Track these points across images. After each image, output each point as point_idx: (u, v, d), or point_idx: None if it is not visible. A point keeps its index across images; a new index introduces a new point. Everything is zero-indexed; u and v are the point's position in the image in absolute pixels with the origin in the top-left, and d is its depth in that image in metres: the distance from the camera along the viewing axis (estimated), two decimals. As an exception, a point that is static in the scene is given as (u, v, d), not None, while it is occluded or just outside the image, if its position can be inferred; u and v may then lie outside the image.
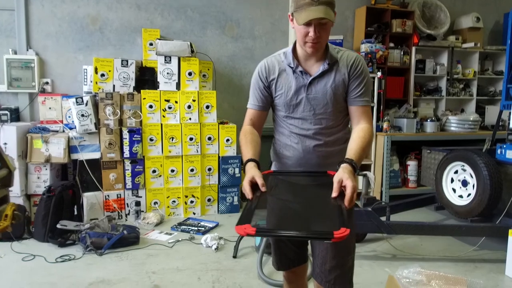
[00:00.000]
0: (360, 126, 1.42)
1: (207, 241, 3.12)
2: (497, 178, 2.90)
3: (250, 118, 1.53)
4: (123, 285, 2.49)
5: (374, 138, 4.38)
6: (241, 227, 1.08)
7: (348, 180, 1.20)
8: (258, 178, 1.27)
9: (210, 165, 3.89)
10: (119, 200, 3.69)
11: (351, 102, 1.45)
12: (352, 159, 1.29)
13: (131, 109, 3.67)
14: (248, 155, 1.38)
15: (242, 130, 1.52)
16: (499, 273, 2.70)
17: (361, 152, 1.33)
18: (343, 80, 1.42)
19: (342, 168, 1.25)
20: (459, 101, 5.18)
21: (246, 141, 1.44)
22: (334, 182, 1.21)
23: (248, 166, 1.34)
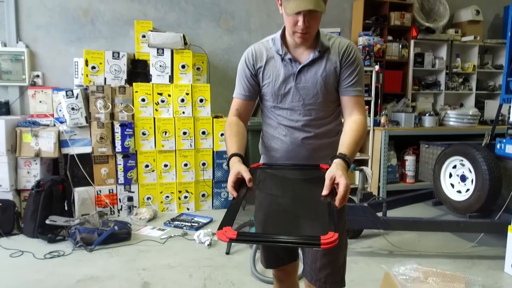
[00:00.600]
0: (353, 117, 1.34)
1: (200, 237, 3.06)
2: (496, 173, 2.84)
3: (236, 108, 1.44)
4: (112, 282, 2.43)
5: (372, 133, 4.32)
6: (221, 232, 0.97)
7: (341, 177, 1.11)
8: (244, 172, 1.18)
9: (204, 160, 3.81)
10: (111, 196, 3.62)
11: (343, 92, 1.37)
12: (345, 154, 1.20)
13: (123, 102, 3.59)
14: (232, 149, 1.30)
15: (227, 121, 1.43)
16: (498, 269, 2.64)
17: (354, 146, 1.25)
18: (334, 68, 1.34)
19: (335, 164, 1.17)
20: (458, 96, 5.11)
21: (231, 133, 1.36)
22: (326, 179, 1.12)
23: (231, 161, 1.26)
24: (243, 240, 1.01)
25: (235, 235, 0.95)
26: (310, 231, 1.34)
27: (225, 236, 0.95)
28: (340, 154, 1.20)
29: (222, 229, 0.97)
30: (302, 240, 0.96)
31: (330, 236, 0.91)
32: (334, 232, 0.92)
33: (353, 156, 1.24)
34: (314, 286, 1.36)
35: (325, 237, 0.90)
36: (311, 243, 0.92)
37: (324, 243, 0.89)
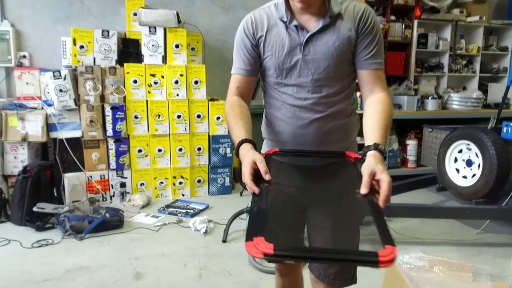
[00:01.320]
0: (376, 96, 1.16)
1: (195, 224, 2.94)
2: (505, 158, 2.71)
3: (236, 86, 1.24)
4: (102, 272, 2.31)
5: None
6: (251, 244, 0.75)
7: (383, 173, 0.94)
8: (260, 163, 0.99)
9: (199, 145, 3.66)
10: (103, 181, 3.48)
11: (361, 65, 1.18)
12: (380, 144, 1.03)
13: (113, 84, 3.41)
14: (241, 134, 1.11)
15: (228, 102, 1.22)
16: (505, 257, 2.54)
17: (385, 132, 1.08)
18: (349, 37, 1.15)
19: (373, 157, 0.99)
20: (461, 78, 4.96)
21: (235, 116, 1.17)
22: (364, 175, 0.95)
23: (243, 149, 1.06)
24: (285, 256, 0.78)
25: (271, 249, 0.74)
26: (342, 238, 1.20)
27: (257, 251, 0.74)
28: (376, 145, 1.02)
29: (252, 240, 0.76)
30: (356, 258, 0.78)
31: (389, 251, 0.73)
32: (392, 245, 0.75)
33: (386, 144, 1.07)
34: (322, 283, 1.22)
35: (383, 253, 0.73)
36: (367, 261, 0.75)
37: (383, 260, 0.72)
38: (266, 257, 0.74)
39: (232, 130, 1.16)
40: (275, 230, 1.35)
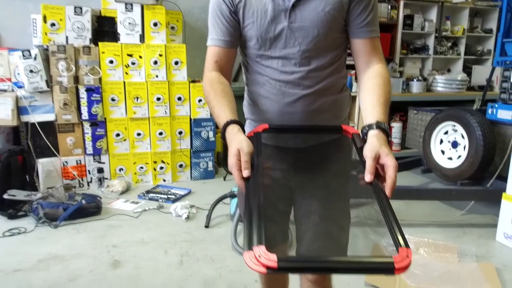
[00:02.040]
0: (374, 68, 1.04)
1: (176, 210, 2.84)
2: (490, 139, 2.69)
3: (214, 60, 1.10)
4: (77, 261, 2.20)
5: (358, 99, 4.10)
6: (250, 255, 0.65)
7: (388, 156, 0.84)
8: (245, 155, 0.86)
9: (180, 128, 3.54)
10: (79, 167, 3.33)
11: (356, 33, 1.06)
12: (382, 122, 0.92)
13: (88, 64, 3.23)
14: (225, 115, 0.97)
15: (206, 79, 1.09)
16: (489, 238, 2.53)
17: (387, 108, 0.97)
18: (341, 1, 1.03)
19: (376, 137, 0.88)
20: (445, 61, 4.93)
21: (216, 94, 1.03)
22: (368, 159, 0.84)
23: (230, 131, 0.94)
24: (290, 269, 0.70)
25: (275, 262, 0.63)
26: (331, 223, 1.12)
27: (258, 264, 0.64)
28: (379, 123, 0.91)
29: (251, 250, 0.65)
30: (370, 266, 0.68)
31: (404, 254, 0.65)
32: (406, 247, 0.66)
33: (387, 121, 0.96)
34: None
35: (398, 258, 0.64)
36: (382, 269, 0.66)
37: (399, 267, 0.63)
38: (270, 271, 0.63)
39: (214, 110, 1.03)
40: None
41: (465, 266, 2.15)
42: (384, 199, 0.79)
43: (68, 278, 2.02)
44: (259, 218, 0.73)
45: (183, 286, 1.96)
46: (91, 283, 1.99)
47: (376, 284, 1.98)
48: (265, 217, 1.09)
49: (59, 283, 1.98)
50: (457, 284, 1.96)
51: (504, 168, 2.65)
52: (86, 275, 2.06)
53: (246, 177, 0.84)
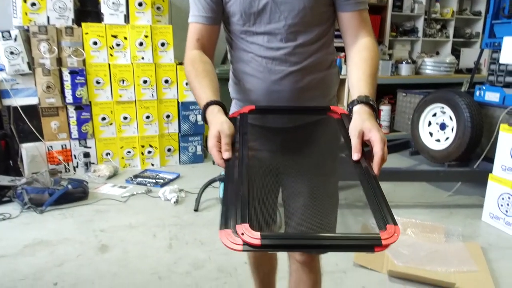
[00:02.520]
0: (362, 42, 1.00)
1: (165, 194, 2.81)
2: (478, 120, 2.71)
3: (196, 38, 1.05)
4: (64, 246, 2.16)
5: (347, 81, 4.08)
6: (226, 234, 0.63)
7: (372, 131, 0.80)
8: (225, 137, 0.83)
9: (168, 112, 3.48)
10: (65, 152, 3.26)
11: (342, 6, 1.02)
12: (367, 96, 0.88)
13: (71, 46, 3.13)
14: (206, 96, 0.93)
15: (187, 58, 1.04)
16: (475, 218, 2.57)
17: (373, 82, 0.94)
18: None
19: (359, 112, 0.85)
20: (434, 43, 4.93)
21: (197, 74, 0.99)
22: (353, 137, 0.81)
23: (210, 113, 0.90)
24: (274, 246, 0.65)
25: (259, 240, 0.61)
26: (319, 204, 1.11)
27: (234, 241, 0.62)
28: (361, 98, 0.88)
29: (228, 229, 0.64)
30: (357, 243, 0.66)
31: (391, 231, 0.64)
32: (393, 224, 0.65)
33: (375, 96, 0.93)
34: (298, 253, 1.13)
35: (385, 234, 0.63)
36: (368, 246, 0.64)
37: (386, 244, 0.62)
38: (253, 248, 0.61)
39: (195, 91, 0.99)
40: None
41: (452, 246, 2.18)
42: (371, 177, 0.76)
43: (54, 263, 1.99)
44: (245, 197, 0.71)
45: (172, 269, 1.95)
46: (78, 267, 1.96)
47: (365, 265, 2.00)
48: (251, 199, 1.07)
49: (45, 268, 1.95)
50: (444, 263, 1.99)
51: (491, 149, 2.67)
52: (73, 260, 2.03)
53: (226, 159, 0.81)
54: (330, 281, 1.86)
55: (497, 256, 2.12)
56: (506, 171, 2.38)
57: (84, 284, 1.82)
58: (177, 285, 1.83)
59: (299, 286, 1.19)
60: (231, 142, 0.84)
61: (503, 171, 2.40)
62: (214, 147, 0.83)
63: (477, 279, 1.88)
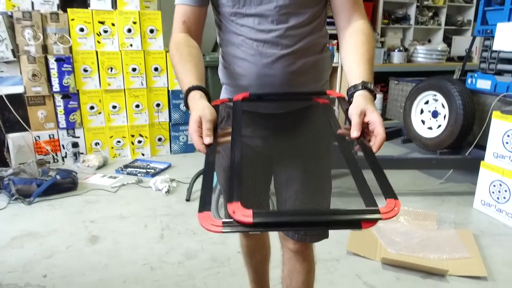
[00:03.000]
0: (356, 24, 0.97)
1: (156, 184, 2.77)
2: (470, 108, 2.70)
3: (182, 20, 1.01)
4: (54, 238, 2.12)
5: (339, 70, 4.06)
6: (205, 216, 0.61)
7: (374, 113, 0.81)
8: (206, 123, 0.80)
9: (158, 100, 3.42)
10: (53, 142, 3.19)
11: None
12: (368, 82, 0.87)
13: (56, 32, 3.04)
14: (188, 81, 0.90)
15: (173, 41, 1.00)
16: (466, 206, 2.59)
17: (371, 67, 0.92)
18: None
19: (361, 96, 0.84)
20: (426, 31, 4.91)
21: (181, 58, 0.95)
22: (354, 116, 0.81)
23: (192, 98, 0.87)
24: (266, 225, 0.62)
25: (251, 217, 0.59)
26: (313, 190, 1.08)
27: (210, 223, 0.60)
28: (364, 83, 0.86)
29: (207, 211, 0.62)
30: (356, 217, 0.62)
31: (392, 205, 0.62)
32: (394, 198, 0.64)
33: (373, 81, 0.90)
34: (292, 239, 1.11)
35: (385, 208, 0.62)
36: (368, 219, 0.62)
37: (386, 218, 0.60)
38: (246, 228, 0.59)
39: (178, 75, 0.95)
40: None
41: (444, 233, 2.19)
42: (371, 154, 0.76)
43: (44, 255, 1.95)
44: (235, 177, 0.70)
45: (164, 259, 1.93)
46: (68, 259, 1.93)
47: (358, 253, 2.00)
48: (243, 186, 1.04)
49: (34, 260, 1.91)
50: (437, 251, 2.00)
51: (482, 137, 2.68)
52: (63, 252, 1.99)
53: (207, 144, 0.79)
54: (323, 269, 1.85)
55: (489, 242, 2.14)
56: (498, 158, 2.39)
57: (74, 276, 1.79)
58: (170, 275, 1.80)
59: (293, 275, 1.17)
60: (212, 127, 0.81)
61: (495, 158, 2.41)
62: (194, 132, 0.80)
63: (469, 265, 1.89)
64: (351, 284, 1.77)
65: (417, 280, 1.81)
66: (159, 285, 1.74)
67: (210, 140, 0.79)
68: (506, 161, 2.34)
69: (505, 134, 2.33)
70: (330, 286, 1.75)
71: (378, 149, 0.78)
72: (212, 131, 0.81)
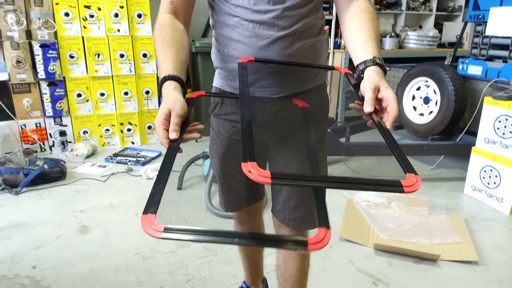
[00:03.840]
0: (358, 3, 0.94)
1: (147, 172, 2.73)
2: (462, 94, 2.70)
3: (170, 0, 0.96)
4: (43, 228, 2.08)
5: (331, 56, 4.03)
6: (148, 219, 0.60)
7: (388, 90, 0.79)
8: (175, 117, 0.76)
9: (147, 87, 3.35)
10: (39, 130, 3.12)
11: None
12: (378, 57, 0.85)
13: (40, 17, 2.94)
14: (166, 68, 0.85)
15: (157, 23, 0.95)
16: (457, 191, 2.61)
17: (378, 44, 0.90)
18: None
19: (374, 71, 0.82)
20: (417, 17, 4.89)
21: (164, 42, 0.89)
22: (368, 91, 0.78)
23: (166, 88, 0.82)
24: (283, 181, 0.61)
25: (268, 177, 0.57)
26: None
27: (151, 228, 0.58)
28: (375, 58, 0.84)
29: (152, 213, 0.61)
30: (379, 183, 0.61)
31: (413, 179, 0.61)
32: (414, 173, 0.62)
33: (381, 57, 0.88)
34: (287, 227, 1.09)
35: (406, 181, 0.60)
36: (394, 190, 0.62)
37: (408, 191, 0.60)
38: (168, 234, 0.57)
39: (158, 61, 0.90)
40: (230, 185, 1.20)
41: (435, 218, 2.21)
42: (385, 130, 0.75)
43: (32, 246, 1.92)
44: (250, 137, 0.68)
45: (156, 248, 1.91)
46: (58, 249, 1.89)
47: (351, 239, 2.00)
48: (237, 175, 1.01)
49: (23, 251, 1.87)
50: (428, 236, 2.01)
51: (473, 122, 2.69)
52: (53, 242, 1.95)
53: (172, 139, 0.75)
54: (317, 255, 1.85)
55: (480, 227, 2.16)
56: (489, 144, 2.40)
57: (64, 266, 1.76)
58: (162, 264, 1.79)
59: (288, 262, 1.16)
60: (180, 122, 0.77)
61: (486, 143, 2.42)
62: (160, 124, 0.76)
63: (461, 250, 1.91)
64: (344, 270, 1.77)
65: (409, 265, 1.82)
66: (152, 274, 1.72)
67: (176, 136, 0.75)
68: (497, 147, 2.36)
69: (496, 120, 2.34)
70: (324, 272, 1.76)
71: (392, 125, 0.76)
72: (179, 126, 0.76)
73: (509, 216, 2.29)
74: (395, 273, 1.76)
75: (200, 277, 1.70)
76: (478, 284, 1.69)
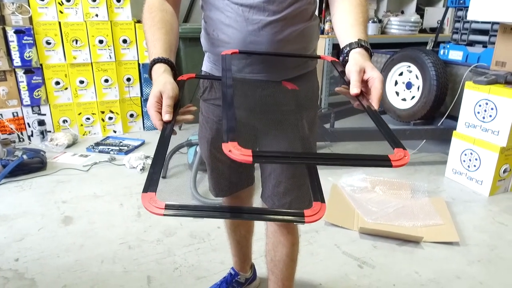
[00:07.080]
0: None
1: (130, 161, 2.69)
2: (443, 79, 2.74)
3: None
4: (24, 220, 2.03)
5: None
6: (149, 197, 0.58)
7: (375, 69, 0.78)
8: (167, 99, 0.75)
9: (128, 74, 3.27)
10: (17, 120, 3.02)
11: None
12: (364, 40, 0.84)
13: (14, 1, 2.81)
14: (156, 51, 0.84)
15: (146, 4, 0.94)
16: (439, 175, 2.67)
17: (366, 29, 0.89)
18: None
19: (358, 53, 0.81)
20: (399, 2, 4.90)
21: (153, 24, 0.89)
22: (353, 73, 0.77)
23: (156, 70, 0.82)
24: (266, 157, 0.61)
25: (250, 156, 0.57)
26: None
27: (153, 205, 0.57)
28: (359, 41, 0.83)
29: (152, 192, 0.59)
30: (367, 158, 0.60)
31: (401, 154, 0.61)
32: (402, 148, 0.62)
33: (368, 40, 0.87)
34: (276, 215, 1.10)
35: (394, 156, 0.60)
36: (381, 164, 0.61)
37: (396, 165, 0.59)
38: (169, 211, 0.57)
39: (147, 43, 0.89)
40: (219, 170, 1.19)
41: (418, 201, 2.25)
42: (373, 109, 0.75)
43: (14, 239, 1.87)
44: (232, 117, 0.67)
45: (142, 238, 1.89)
46: (41, 241, 1.85)
47: (336, 223, 2.03)
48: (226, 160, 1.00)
49: (4, 244, 1.83)
50: (411, 218, 2.06)
51: (454, 107, 2.74)
52: (35, 234, 1.91)
53: (166, 121, 0.74)
54: (304, 240, 1.87)
55: (460, 209, 2.22)
56: (470, 128, 2.45)
57: (48, 258, 1.73)
58: (148, 253, 1.77)
59: (278, 247, 1.17)
60: (173, 104, 0.76)
61: (466, 127, 2.47)
62: (152, 106, 0.75)
63: (443, 231, 1.96)
64: (331, 254, 1.80)
65: (393, 247, 1.86)
66: (138, 263, 1.70)
67: (169, 118, 0.74)
68: (477, 130, 2.41)
69: (477, 104, 2.39)
70: (311, 256, 1.78)
71: (378, 104, 0.76)
72: (172, 108, 0.76)
73: (489, 197, 2.36)
74: (379, 256, 1.79)
75: (187, 265, 1.69)
76: (460, 264, 1.75)
